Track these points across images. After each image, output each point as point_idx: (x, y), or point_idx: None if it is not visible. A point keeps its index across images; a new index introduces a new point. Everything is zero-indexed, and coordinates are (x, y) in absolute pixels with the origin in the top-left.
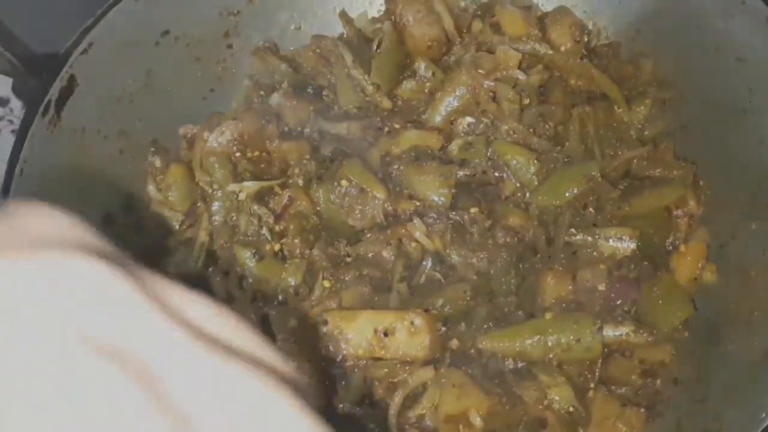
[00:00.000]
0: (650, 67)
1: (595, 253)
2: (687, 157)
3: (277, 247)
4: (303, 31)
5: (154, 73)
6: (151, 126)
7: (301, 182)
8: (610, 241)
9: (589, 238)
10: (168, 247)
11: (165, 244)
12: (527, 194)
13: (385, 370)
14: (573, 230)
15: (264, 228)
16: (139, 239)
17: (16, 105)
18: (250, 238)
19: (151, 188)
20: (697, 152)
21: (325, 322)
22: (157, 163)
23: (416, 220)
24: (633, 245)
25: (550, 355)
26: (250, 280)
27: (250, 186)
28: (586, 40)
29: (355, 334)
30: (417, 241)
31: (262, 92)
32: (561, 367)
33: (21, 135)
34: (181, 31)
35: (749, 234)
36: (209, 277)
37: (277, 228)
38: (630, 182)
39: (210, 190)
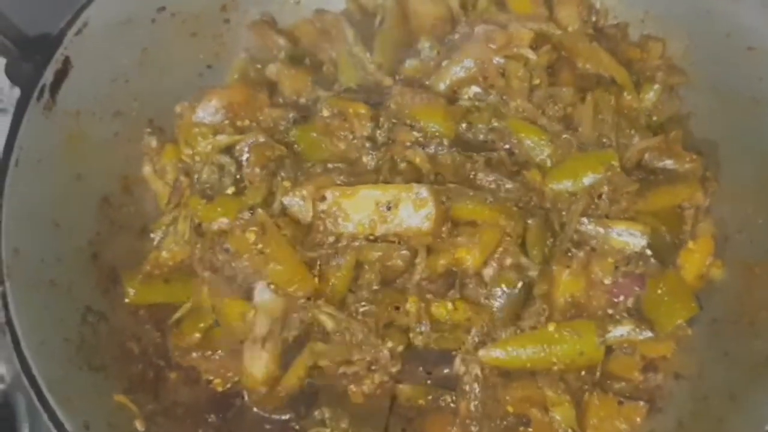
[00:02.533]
0: (659, 51)
1: (606, 247)
2: (694, 145)
3: (231, 190)
4: (302, 5)
5: (150, 50)
6: (147, 106)
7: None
8: (622, 235)
9: (601, 230)
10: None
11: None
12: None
13: (379, 253)
14: (585, 219)
15: (226, 176)
16: (137, 220)
17: (5, 84)
18: (209, 191)
19: (146, 169)
20: (705, 141)
21: (323, 198)
22: (153, 143)
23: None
24: (644, 242)
25: (554, 369)
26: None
27: (221, 140)
28: (593, 19)
29: (355, 209)
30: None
31: (258, 65)
32: (562, 375)
33: (15, 122)
34: (177, 6)
35: (755, 229)
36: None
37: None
38: (644, 175)
39: (192, 163)
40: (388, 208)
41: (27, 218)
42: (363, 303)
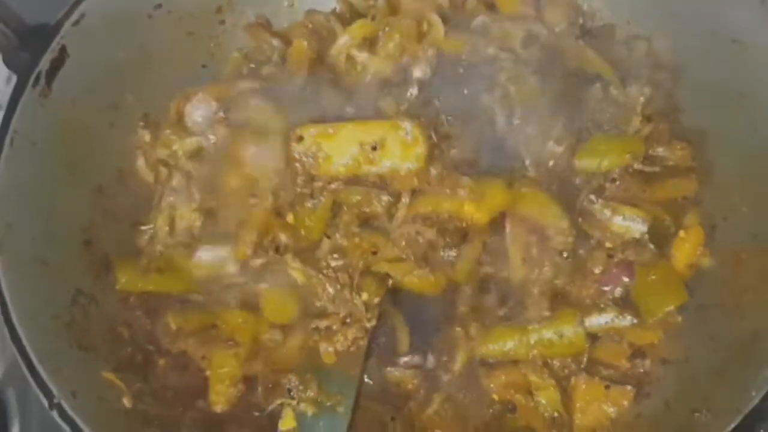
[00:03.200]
0: (644, 49)
1: (607, 233)
2: (683, 136)
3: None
4: (296, 8)
5: (146, 46)
6: (142, 100)
7: None
8: (626, 220)
9: (607, 212)
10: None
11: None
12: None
13: (358, 197)
14: (593, 197)
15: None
16: (131, 211)
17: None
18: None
19: (140, 162)
20: (692, 134)
21: (299, 139)
22: (147, 137)
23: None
24: (644, 228)
25: (534, 352)
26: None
27: (189, 142)
28: (581, 21)
29: (337, 150)
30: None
31: (252, 65)
32: (546, 362)
33: (11, 105)
34: (174, 4)
35: (740, 217)
36: None
37: None
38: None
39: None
40: (374, 148)
41: (20, 197)
42: (335, 256)
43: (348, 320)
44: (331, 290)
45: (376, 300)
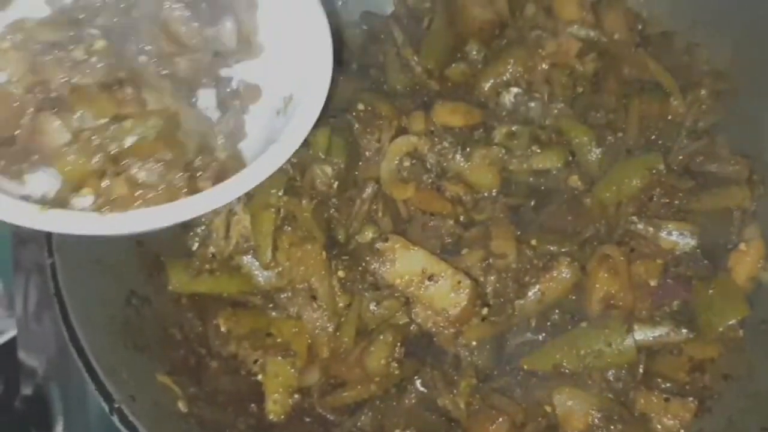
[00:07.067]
0: (705, 58)
1: (653, 247)
2: (741, 150)
3: None
4: (350, 9)
5: None
6: None
7: None
8: (673, 234)
9: (651, 229)
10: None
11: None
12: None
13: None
14: (635, 218)
15: None
16: None
17: None
18: None
19: None
20: (751, 146)
21: (386, 239)
22: None
23: None
24: (693, 242)
25: (586, 361)
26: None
27: None
28: (640, 27)
29: (403, 263)
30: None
31: None
32: (600, 373)
33: None
34: None
35: None
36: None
37: None
38: (691, 179)
39: None
40: (430, 279)
41: None
42: None
43: None
44: None
45: None
